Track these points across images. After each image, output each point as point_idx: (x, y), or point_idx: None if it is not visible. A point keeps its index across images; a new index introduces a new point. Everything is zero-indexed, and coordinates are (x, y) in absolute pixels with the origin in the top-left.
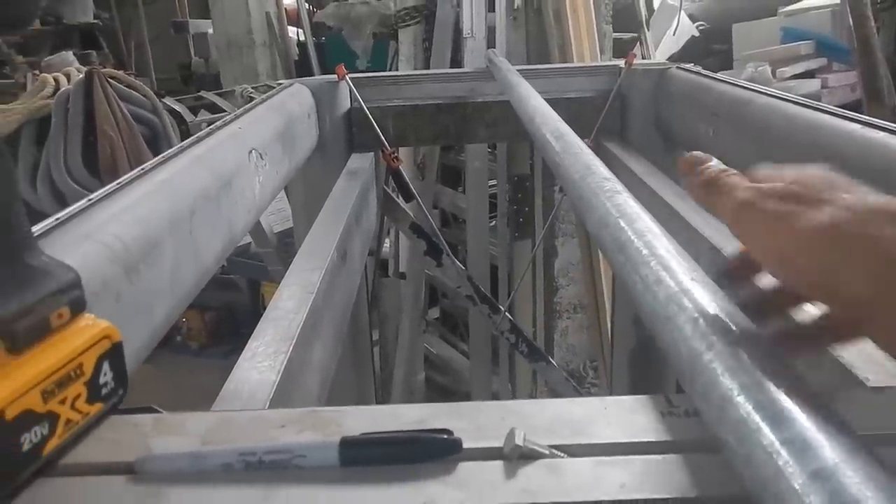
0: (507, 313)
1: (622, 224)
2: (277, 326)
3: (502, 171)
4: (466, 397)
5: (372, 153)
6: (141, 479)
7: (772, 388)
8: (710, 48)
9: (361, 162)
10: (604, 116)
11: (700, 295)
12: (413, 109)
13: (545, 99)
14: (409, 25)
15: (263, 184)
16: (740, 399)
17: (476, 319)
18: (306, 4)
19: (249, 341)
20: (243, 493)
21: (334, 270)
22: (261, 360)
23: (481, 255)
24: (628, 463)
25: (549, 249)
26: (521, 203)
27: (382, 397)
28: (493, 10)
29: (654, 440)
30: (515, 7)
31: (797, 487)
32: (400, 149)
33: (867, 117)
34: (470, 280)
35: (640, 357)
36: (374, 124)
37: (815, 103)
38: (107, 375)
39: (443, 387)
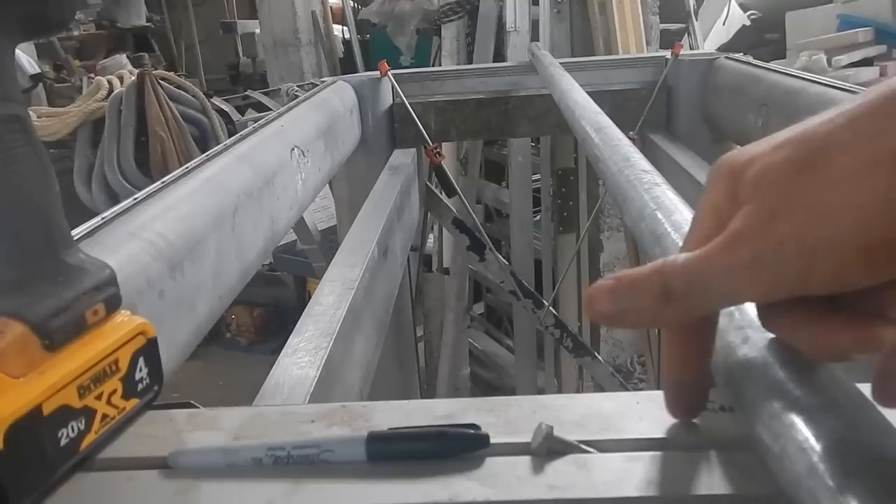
0: (550, 308)
1: (660, 216)
2: (318, 322)
3: (546, 165)
4: (512, 392)
5: (414, 149)
6: (174, 473)
7: (808, 383)
8: (763, 38)
9: (404, 158)
10: (649, 109)
11: None
12: (455, 104)
13: (589, 92)
14: (451, 20)
15: (306, 181)
16: (775, 394)
17: (520, 315)
18: (351, 2)
19: (290, 337)
20: (272, 488)
21: (375, 266)
22: (301, 356)
23: (525, 249)
24: (658, 459)
25: (594, 244)
26: (565, 197)
27: (427, 393)
28: (537, 4)
29: (686, 436)
30: (559, 0)
31: (832, 485)
32: (443, 144)
33: None
34: (513, 275)
35: None
36: (417, 120)
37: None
38: (142, 371)
39: (488, 382)
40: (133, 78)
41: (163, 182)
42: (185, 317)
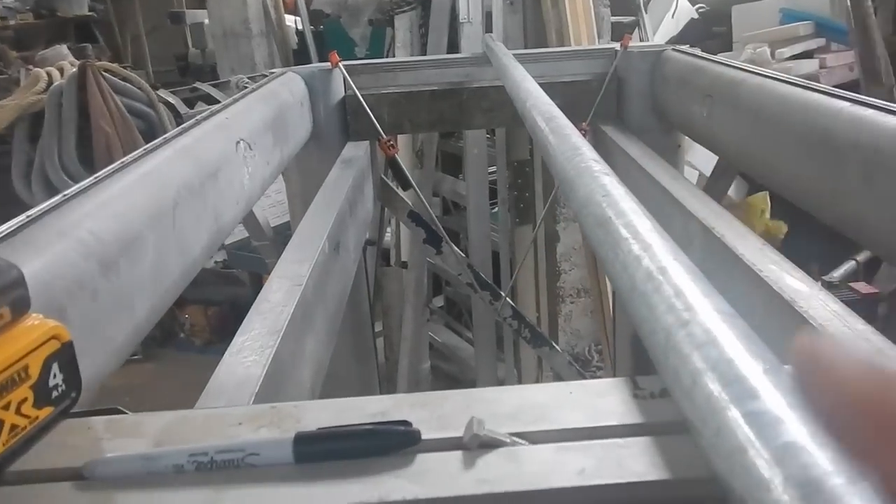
0: (508, 299)
1: (604, 204)
2: (265, 319)
3: (502, 156)
4: (473, 385)
5: (367, 142)
6: (89, 485)
7: (744, 363)
8: (711, 31)
9: (357, 150)
10: (600, 100)
11: (678, 274)
12: (408, 96)
13: (541, 83)
14: (405, 11)
15: (253, 174)
16: (711, 374)
17: (479, 307)
18: None
19: (236, 336)
20: (193, 496)
21: (326, 261)
22: (247, 356)
23: (482, 242)
24: (590, 448)
25: (550, 234)
26: (521, 189)
27: (387, 388)
28: None
29: (618, 424)
30: None
31: (766, 458)
32: (398, 137)
33: (856, 95)
34: (470, 267)
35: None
36: (369, 112)
37: (805, 82)
38: (56, 378)
39: (449, 375)
40: (74, 69)
41: (96, 177)
42: (122, 318)
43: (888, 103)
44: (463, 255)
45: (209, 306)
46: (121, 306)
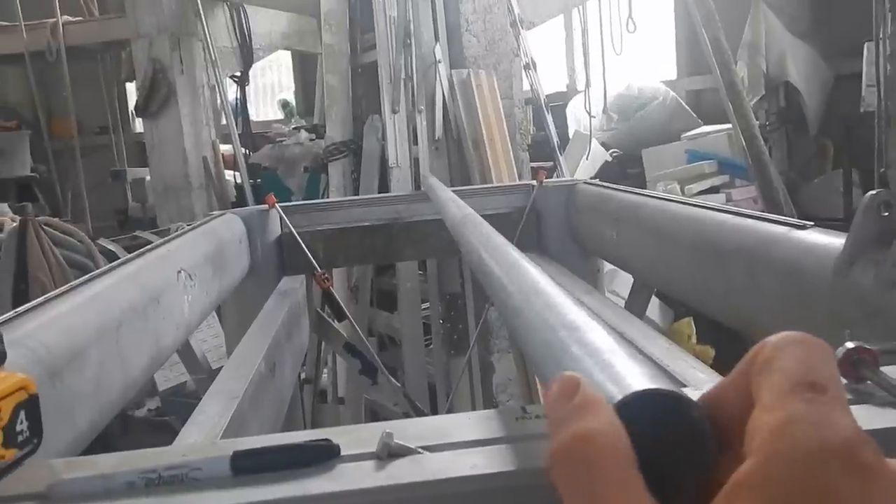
0: None
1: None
2: (201, 430)
3: (434, 290)
4: None
5: (303, 276)
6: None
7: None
8: (626, 172)
9: (292, 283)
10: (521, 230)
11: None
12: (342, 232)
13: None
14: (338, 159)
15: (192, 303)
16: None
17: None
18: (242, 149)
19: (171, 447)
20: None
21: (262, 380)
22: None
23: (419, 374)
24: (481, 452)
25: (485, 365)
26: (454, 321)
27: None
28: (417, 143)
29: (505, 435)
30: (437, 138)
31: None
32: (333, 272)
33: (736, 208)
34: (406, 396)
35: None
36: (304, 248)
37: (695, 201)
38: (23, 424)
39: None
40: (14, 224)
41: (46, 298)
42: (63, 425)
43: (763, 213)
44: (398, 384)
45: None
46: (63, 415)
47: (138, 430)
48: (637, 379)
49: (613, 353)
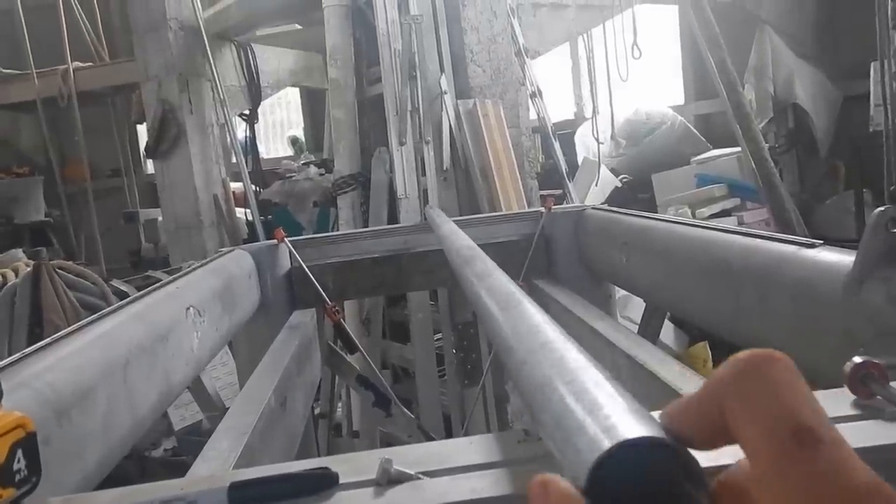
0: None
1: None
2: (210, 465)
3: (446, 320)
4: None
5: (314, 309)
6: None
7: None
8: (636, 197)
9: (303, 317)
10: (531, 257)
11: (570, 352)
12: (351, 265)
13: (477, 244)
14: (346, 192)
15: (202, 339)
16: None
17: None
18: (253, 186)
19: (182, 480)
20: None
21: (272, 414)
22: None
23: (433, 405)
24: (481, 476)
25: (499, 395)
26: (467, 350)
27: None
28: (425, 174)
29: (506, 459)
30: (445, 168)
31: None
32: (344, 305)
33: (745, 229)
34: (420, 428)
35: None
36: (314, 281)
37: (704, 223)
38: (20, 462)
39: None
40: (28, 269)
41: (53, 338)
42: (72, 465)
43: (771, 233)
44: (412, 416)
45: None
46: (71, 453)
47: (155, 471)
48: (630, 428)
49: (607, 398)
